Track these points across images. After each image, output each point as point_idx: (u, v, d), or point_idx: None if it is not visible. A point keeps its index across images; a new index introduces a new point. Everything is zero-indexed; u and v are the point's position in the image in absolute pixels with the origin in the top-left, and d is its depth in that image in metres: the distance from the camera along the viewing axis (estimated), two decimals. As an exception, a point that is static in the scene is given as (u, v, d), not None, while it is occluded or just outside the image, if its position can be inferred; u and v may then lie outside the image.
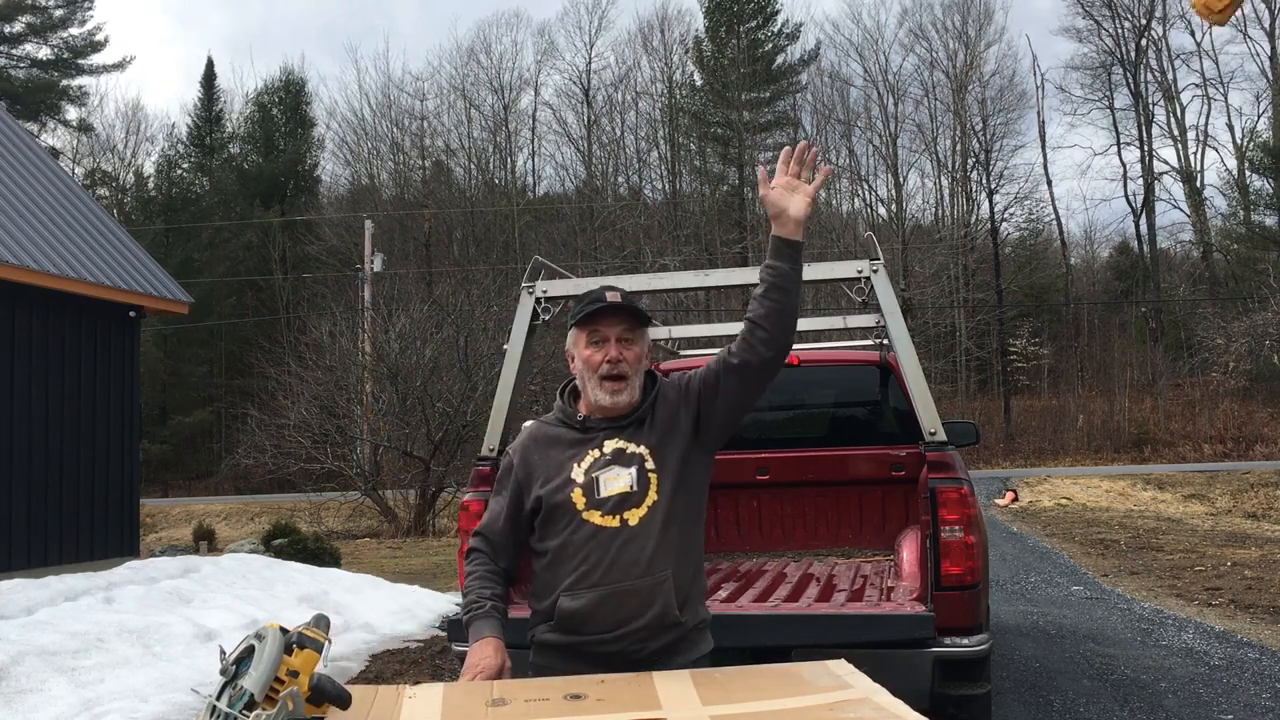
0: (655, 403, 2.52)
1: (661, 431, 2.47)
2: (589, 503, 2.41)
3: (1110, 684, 6.21)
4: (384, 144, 46.23)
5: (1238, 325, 33.15)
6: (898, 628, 3.83)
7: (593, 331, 2.47)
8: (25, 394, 10.68)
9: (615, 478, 2.41)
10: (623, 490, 2.40)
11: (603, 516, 2.39)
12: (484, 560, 2.55)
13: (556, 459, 2.49)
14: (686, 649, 2.44)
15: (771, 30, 45.35)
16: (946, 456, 4.07)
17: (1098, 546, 13.93)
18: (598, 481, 2.42)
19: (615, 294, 2.48)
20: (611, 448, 2.45)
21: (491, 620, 2.43)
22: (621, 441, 2.46)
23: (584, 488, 2.42)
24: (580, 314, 2.48)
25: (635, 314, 2.49)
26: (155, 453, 34.89)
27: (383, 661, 7.33)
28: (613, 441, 2.46)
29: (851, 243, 37.82)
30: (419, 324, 21.84)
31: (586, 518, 2.40)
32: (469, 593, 2.50)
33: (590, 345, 2.48)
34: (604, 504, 2.40)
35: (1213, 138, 52.83)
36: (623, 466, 2.42)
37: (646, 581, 2.36)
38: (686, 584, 2.43)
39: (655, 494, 2.40)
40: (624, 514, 2.39)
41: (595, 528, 2.38)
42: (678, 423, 2.49)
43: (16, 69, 44.83)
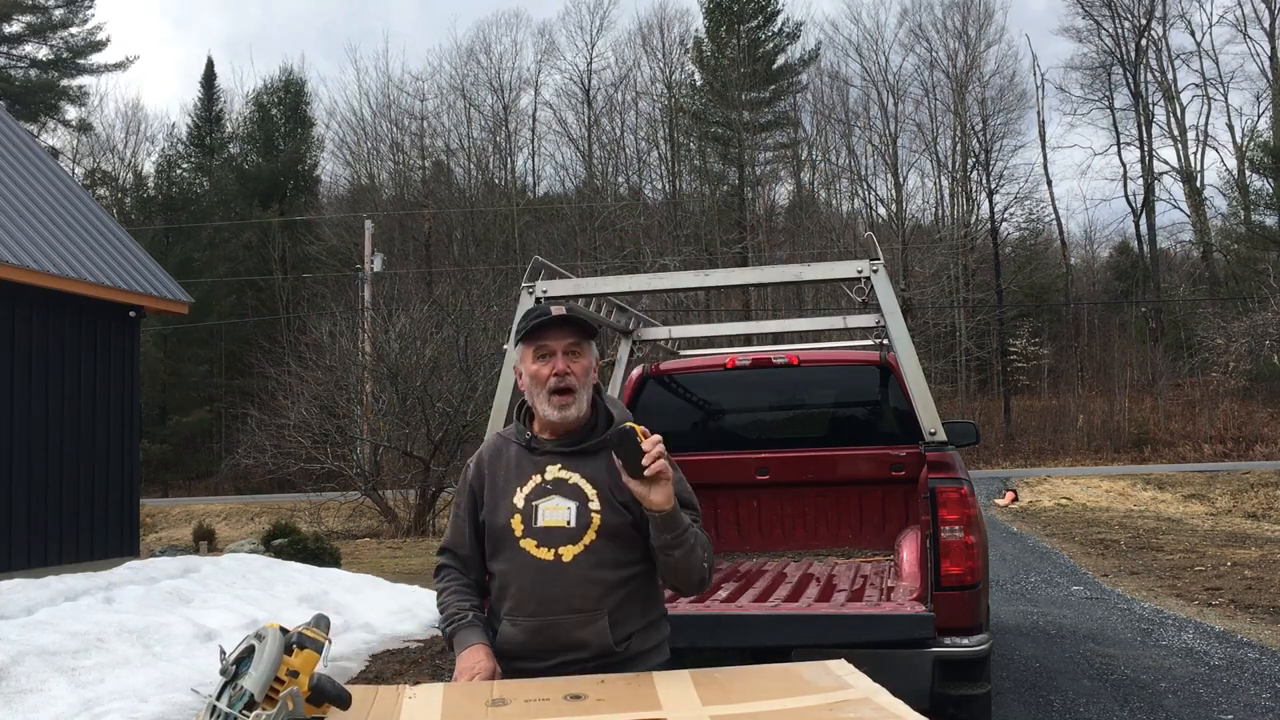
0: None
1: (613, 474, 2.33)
2: (525, 531, 2.36)
3: (1110, 684, 6.21)
4: (384, 144, 46.30)
5: (1238, 325, 33.15)
6: (898, 628, 3.83)
7: (539, 346, 2.40)
8: (25, 394, 10.68)
9: (554, 509, 2.36)
10: (559, 524, 2.34)
11: (537, 548, 2.34)
12: (455, 575, 2.52)
13: (504, 479, 2.45)
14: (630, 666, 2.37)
15: (771, 30, 45.36)
16: (946, 456, 4.07)
17: (1098, 546, 13.93)
18: (536, 510, 2.36)
19: (560, 307, 2.44)
20: (554, 475, 2.40)
21: (476, 628, 2.39)
22: (565, 470, 2.40)
23: (523, 514, 2.37)
24: (526, 329, 2.41)
25: (581, 326, 2.42)
26: (155, 453, 34.89)
27: (383, 661, 7.33)
28: (556, 467, 2.40)
29: (851, 243, 37.83)
30: (419, 324, 21.84)
31: (523, 546, 2.36)
32: (446, 607, 2.46)
33: (537, 360, 2.41)
34: (540, 534, 2.35)
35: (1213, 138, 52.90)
36: (563, 498, 2.36)
37: (579, 619, 2.31)
38: (625, 620, 2.35)
39: (594, 534, 2.34)
40: (559, 549, 2.33)
41: (530, 558, 2.34)
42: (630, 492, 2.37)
43: (16, 69, 44.84)
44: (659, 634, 2.49)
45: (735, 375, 6.13)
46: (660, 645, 2.48)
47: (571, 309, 2.46)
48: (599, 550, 2.33)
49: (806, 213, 44.14)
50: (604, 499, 2.36)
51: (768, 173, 45.31)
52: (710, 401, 6.42)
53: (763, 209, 43.83)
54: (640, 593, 2.41)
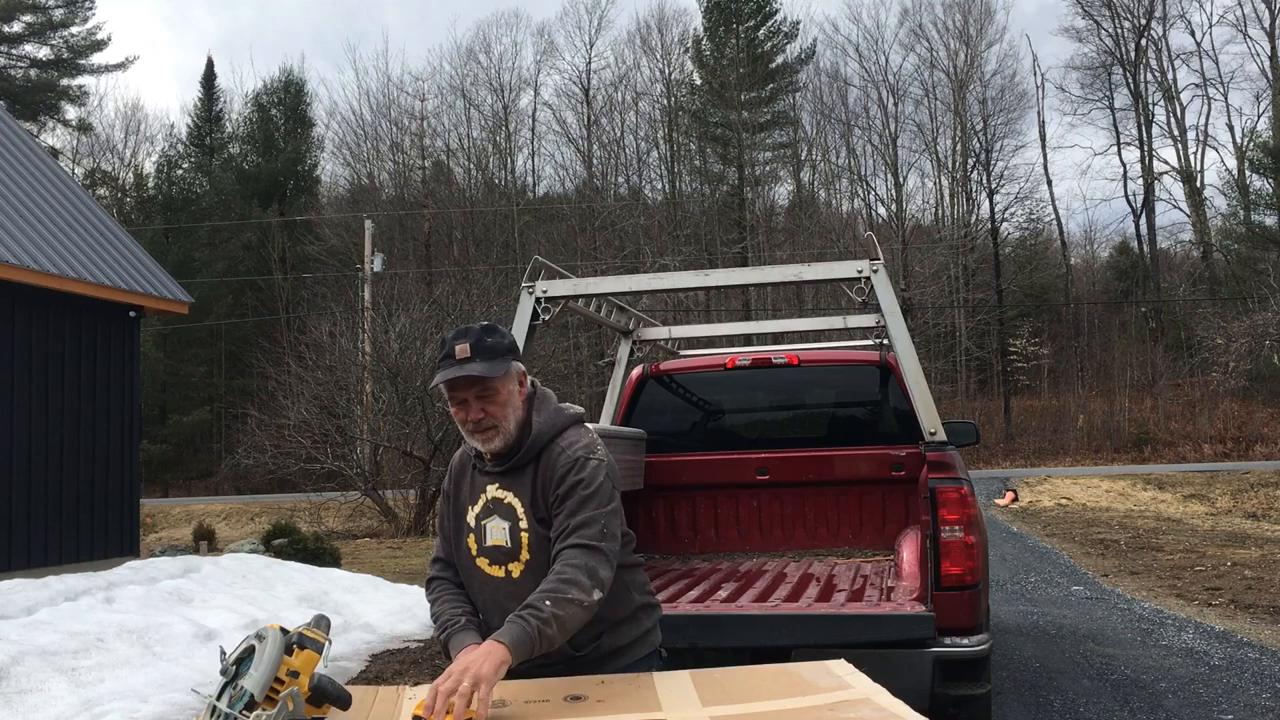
0: (539, 457, 2.42)
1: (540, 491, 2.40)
2: (479, 550, 2.46)
3: (1110, 684, 6.21)
4: (384, 144, 46.29)
5: (1238, 325, 33.13)
6: (898, 628, 3.83)
7: (452, 395, 2.39)
8: (25, 394, 10.68)
9: (496, 528, 2.43)
10: (500, 543, 2.42)
11: (490, 565, 2.44)
12: (446, 586, 2.55)
13: (464, 495, 2.54)
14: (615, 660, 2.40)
15: (770, 30, 45.35)
16: (946, 456, 4.07)
17: (1098, 546, 13.93)
18: (484, 530, 2.45)
19: (465, 346, 2.33)
20: (492, 494, 2.46)
21: (470, 630, 2.41)
22: (501, 490, 2.45)
23: (475, 534, 2.46)
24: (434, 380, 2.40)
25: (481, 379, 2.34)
26: (155, 453, 34.89)
27: (383, 661, 7.33)
28: (494, 487, 2.46)
29: (851, 243, 37.82)
30: (419, 324, 21.83)
31: (479, 564, 2.46)
32: (440, 616, 2.48)
33: (454, 404, 2.40)
34: (490, 553, 2.44)
35: (1213, 138, 52.91)
36: (501, 518, 2.43)
37: None
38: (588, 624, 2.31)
39: (527, 552, 2.40)
40: (507, 565, 2.42)
41: (485, 575, 2.44)
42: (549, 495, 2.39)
43: (16, 69, 44.85)
44: (636, 628, 2.49)
45: (735, 375, 6.14)
46: (641, 638, 2.49)
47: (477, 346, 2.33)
48: (537, 566, 2.37)
49: (806, 213, 44.12)
50: (529, 517, 2.41)
51: (767, 173, 45.33)
52: (710, 401, 6.42)
53: (762, 209, 43.81)
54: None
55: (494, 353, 2.36)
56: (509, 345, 2.41)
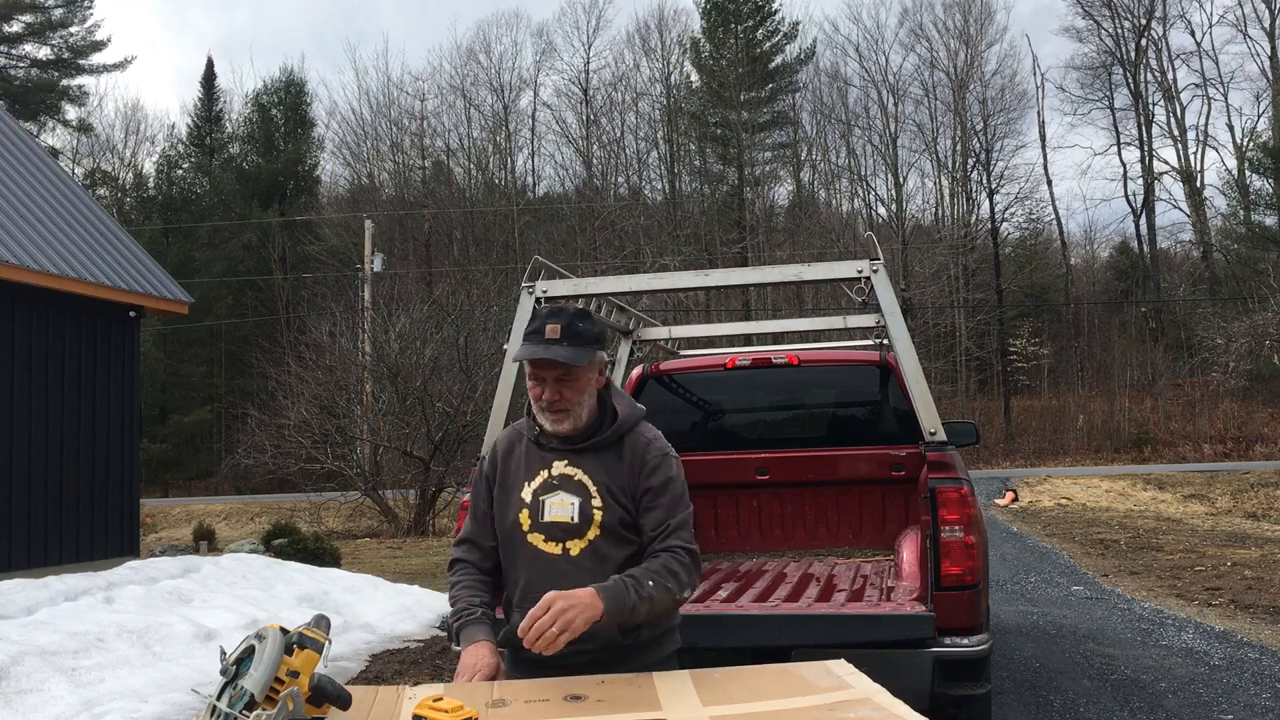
0: (622, 441, 2.45)
1: (618, 476, 2.41)
2: (533, 525, 2.41)
3: (1110, 684, 6.21)
4: (384, 144, 46.30)
5: (1238, 325, 33.12)
6: (898, 628, 3.83)
7: (532, 371, 2.42)
8: (25, 394, 10.68)
9: (560, 504, 2.40)
10: (564, 519, 2.39)
11: (545, 541, 2.40)
12: (469, 570, 2.54)
13: (515, 472, 2.50)
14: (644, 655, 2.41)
15: (769, 30, 45.34)
16: (946, 456, 4.07)
17: (1098, 546, 13.93)
18: (543, 505, 2.41)
19: (556, 328, 2.36)
20: (560, 471, 2.44)
21: (483, 625, 2.41)
22: (571, 466, 2.44)
23: (530, 509, 2.42)
24: (520, 350, 2.41)
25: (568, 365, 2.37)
26: (155, 453, 34.89)
27: (383, 661, 7.33)
28: (562, 464, 2.44)
29: (851, 243, 37.81)
30: (419, 324, 21.83)
31: (531, 540, 2.41)
32: (457, 601, 2.48)
33: (532, 379, 2.43)
34: (547, 529, 2.40)
35: (1213, 138, 52.89)
36: (569, 494, 2.41)
37: None
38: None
39: (596, 530, 2.39)
40: (566, 543, 2.39)
41: (538, 552, 2.40)
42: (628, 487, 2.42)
43: (16, 69, 44.85)
44: (669, 620, 2.52)
45: (735, 375, 6.14)
46: (670, 632, 2.52)
47: (567, 331, 2.37)
48: (602, 545, 2.38)
49: (806, 213, 44.12)
50: (604, 496, 2.41)
51: (767, 173, 45.33)
52: (710, 401, 6.42)
53: (762, 209, 43.81)
54: None
55: (582, 340, 2.39)
56: (598, 334, 2.45)
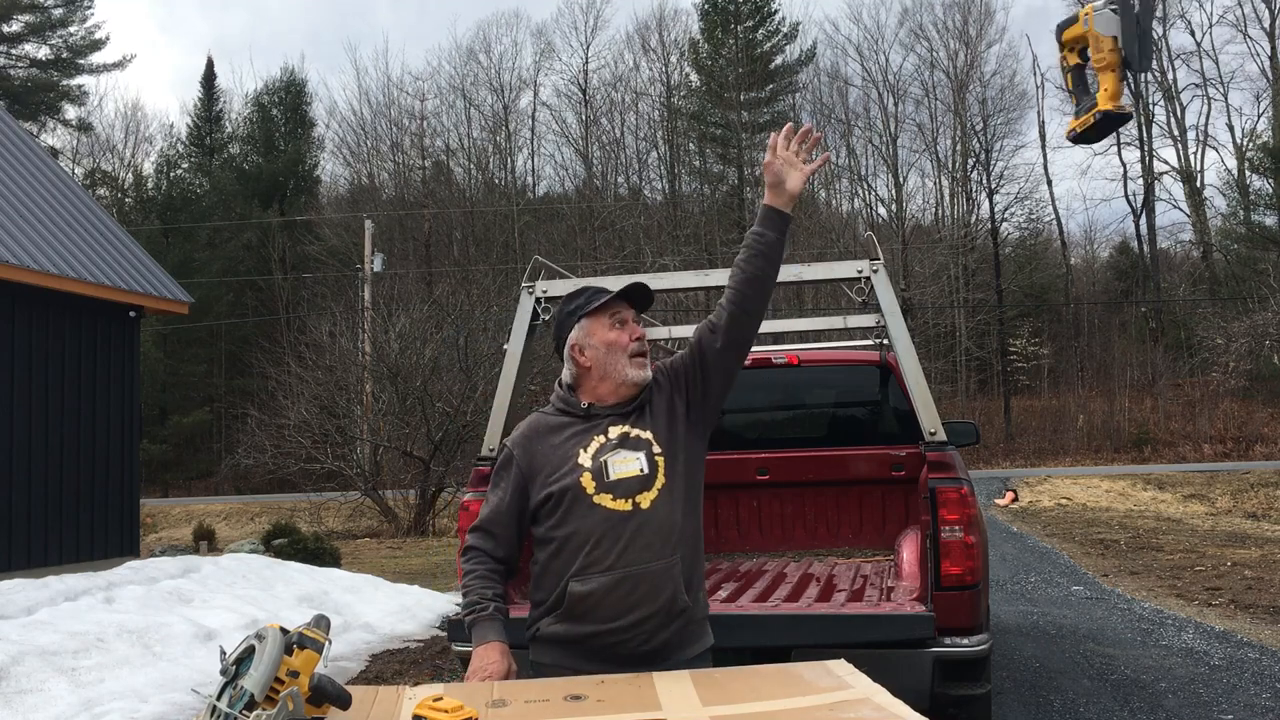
0: (651, 390, 2.56)
1: (663, 418, 2.51)
2: (599, 487, 2.41)
3: (1110, 684, 6.21)
4: (384, 144, 46.29)
5: (1238, 325, 33.12)
6: (898, 628, 3.83)
7: (615, 315, 2.53)
8: (25, 394, 10.68)
9: (624, 461, 2.43)
10: (634, 474, 2.42)
11: (614, 500, 2.40)
12: (482, 558, 2.53)
13: (561, 448, 2.49)
14: (690, 641, 2.45)
15: (768, 30, 45.34)
16: (946, 456, 4.07)
17: (1098, 546, 13.93)
18: (607, 465, 2.42)
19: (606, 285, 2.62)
20: (617, 433, 2.48)
21: (495, 623, 2.42)
22: (626, 426, 2.49)
23: (593, 472, 2.42)
24: (599, 301, 2.54)
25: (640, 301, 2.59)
26: (155, 453, 34.88)
27: (383, 661, 7.33)
28: (618, 427, 2.49)
29: (851, 243, 37.82)
30: (419, 324, 21.83)
31: (598, 501, 2.40)
32: (469, 592, 2.48)
33: (613, 328, 2.53)
34: (615, 487, 2.41)
35: (1213, 138, 52.92)
36: (630, 450, 2.44)
37: (659, 565, 2.38)
38: (691, 568, 2.46)
39: (664, 477, 2.43)
40: (635, 498, 2.40)
41: (607, 511, 2.39)
42: (675, 408, 2.53)
43: (16, 69, 44.84)
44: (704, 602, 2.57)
45: None
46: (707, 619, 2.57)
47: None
48: (670, 490, 2.44)
49: (806, 213, 44.09)
50: (664, 444, 2.47)
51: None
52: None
53: (762, 209, 43.75)
54: (698, 542, 2.53)
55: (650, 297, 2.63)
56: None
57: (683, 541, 2.43)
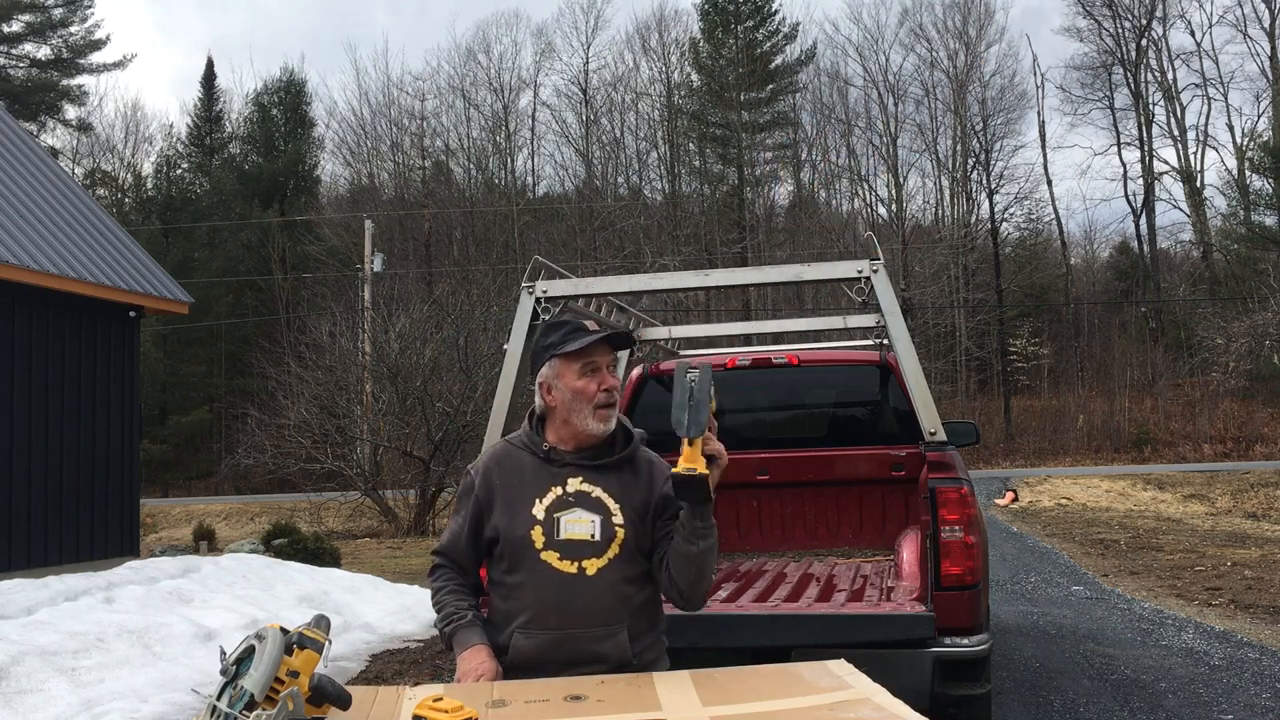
0: (634, 459, 2.46)
1: (637, 492, 2.41)
2: (547, 543, 2.35)
3: (1110, 684, 6.21)
4: (384, 144, 46.28)
5: (1238, 325, 33.11)
6: (898, 628, 3.84)
7: (587, 363, 2.40)
8: (25, 394, 10.68)
9: (577, 521, 2.36)
10: (583, 537, 2.35)
11: (560, 560, 2.34)
12: (451, 575, 2.52)
13: (519, 488, 2.43)
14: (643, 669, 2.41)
15: (768, 30, 45.33)
16: (946, 456, 4.07)
17: (1098, 546, 13.93)
18: (558, 522, 2.36)
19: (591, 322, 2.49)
20: (575, 487, 2.40)
21: (476, 627, 2.41)
22: (587, 483, 2.40)
23: (544, 525, 2.36)
24: (573, 345, 2.39)
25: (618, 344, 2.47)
26: (155, 453, 34.86)
27: (383, 661, 7.33)
28: (577, 480, 2.41)
29: (851, 243, 37.81)
30: (419, 324, 21.83)
31: (545, 559, 2.35)
32: (444, 606, 2.47)
33: (584, 375, 2.40)
34: (563, 547, 2.35)
35: (1213, 138, 52.82)
36: (586, 510, 2.37)
37: (600, 632, 2.32)
38: (642, 632, 2.39)
39: (618, 549, 2.35)
40: (582, 562, 2.34)
41: (553, 571, 2.34)
42: (649, 498, 2.43)
43: (16, 69, 44.83)
44: (661, 644, 2.53)
45: (735, 375, 6.13)
46: (663, 654, 2.53)
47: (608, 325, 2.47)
48: (622, 564, 2.35)
49: (806, 213, 44.13)
50: (626, 513, 2.38)
51: (767, 173, 45.32)
52: (710, 401, 6.41)
53: (762, 209, 43.81)
54: (652, 605, 2.46)
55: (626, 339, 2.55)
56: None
57: (631, 611, 2.36)
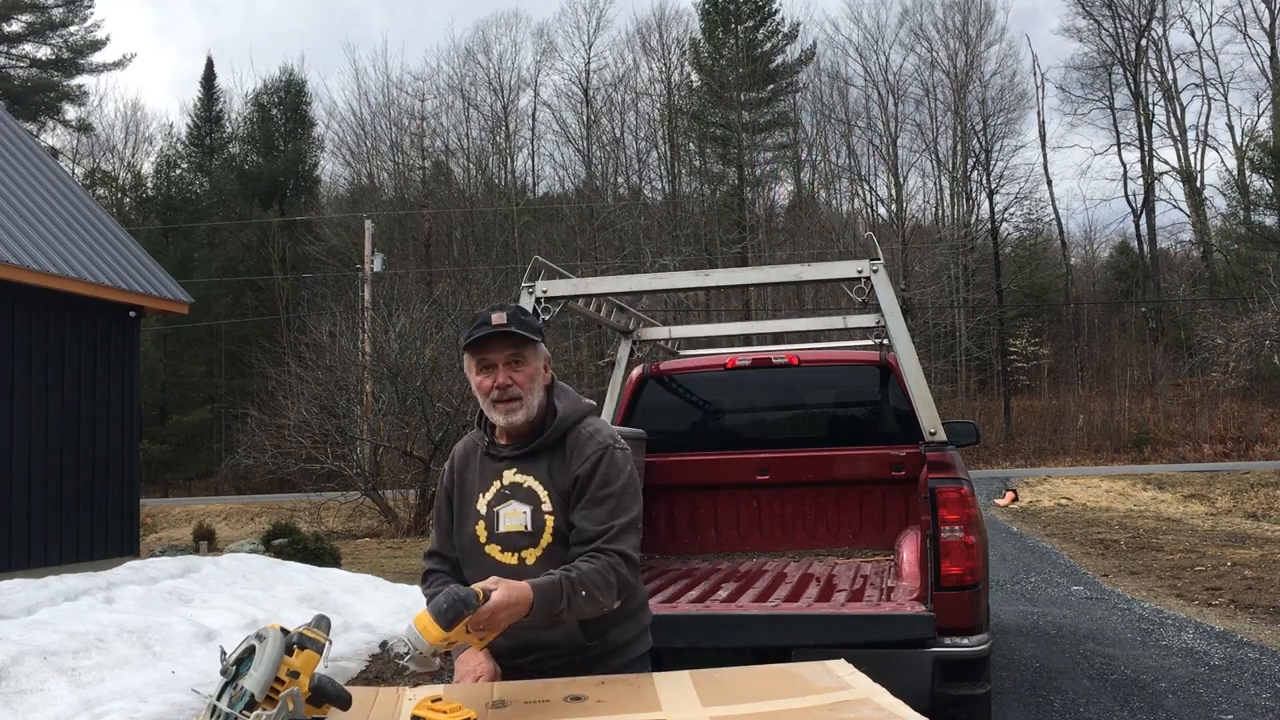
0: (564, 440, 2.44)
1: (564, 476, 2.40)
2: (489, 537, 2.42)
3: (1110, 684, 6.21)
4: (384, 144, 46.27)
5: (1238, 325, 33.11)
6: (898, 628, 3.84)
7: (481, 359, 2.40)
8: (25, 394, 10.68)
9: (512, 514, 2.40)
10: (518, 529, 2.39)
11: (502, 553, 2.40)
12: (442, 578, 2.53)
13: (470, 485, 2.50)
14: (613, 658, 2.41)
15: (769, 30, 45.33)
16: (946, 456, 4.08)
17: (1098, 546, 13.93)
18: (497, 516, 2.41)
19: (501, 315, 2.37)
20: (510, 479, 2.43)
21: None
22: (519, 474, 2.43)
23: (486, 520, 2.42)
24: (465, 340, 2.41)
25: (519, 337, 2.38)
26: (155, 453, 34.87)
27: (383, 662, 7.33)
28: (511, 472, 2.44)
29: (851, 243, 37.81)
30: (419, 324, 21.84)
31: (489, 552, 2.41)
32: None
33: (480, 372, 2.41)
34: (503, 540, 2.40)
35: (1213, 138, 52.84)
36: (520, 502, 2.41)
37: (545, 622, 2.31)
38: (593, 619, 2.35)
39: (550, 536, 2.38)
40: (521, 553, 2.38)
41: (496, 563, 2.39)
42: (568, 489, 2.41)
43: (16, 69, 44.83)
44: (637, 625, 2.52)
45: (735, 375, 6.14)
46: (641, 635, 2.52)
47: (513, 317, 2.38)
48: (557, 552, 2.37)
49: (806, 213, 44.13)
50: (554, 501, 2.40)
51: (767, 173, 45.32)
52: (710, 401, 6.42)
53: (762, 209, 43.80)
54: None
55: (528, 327, 2.41)
56: (539, 327, 2.47)
57: None
